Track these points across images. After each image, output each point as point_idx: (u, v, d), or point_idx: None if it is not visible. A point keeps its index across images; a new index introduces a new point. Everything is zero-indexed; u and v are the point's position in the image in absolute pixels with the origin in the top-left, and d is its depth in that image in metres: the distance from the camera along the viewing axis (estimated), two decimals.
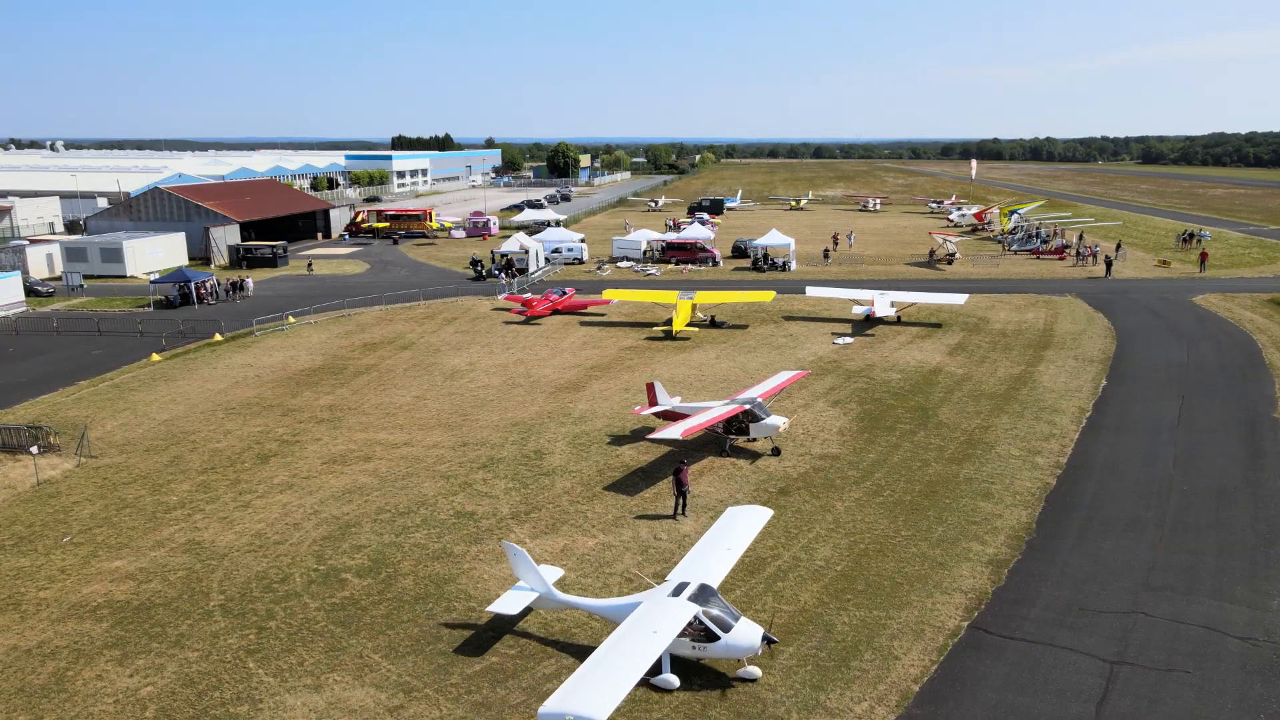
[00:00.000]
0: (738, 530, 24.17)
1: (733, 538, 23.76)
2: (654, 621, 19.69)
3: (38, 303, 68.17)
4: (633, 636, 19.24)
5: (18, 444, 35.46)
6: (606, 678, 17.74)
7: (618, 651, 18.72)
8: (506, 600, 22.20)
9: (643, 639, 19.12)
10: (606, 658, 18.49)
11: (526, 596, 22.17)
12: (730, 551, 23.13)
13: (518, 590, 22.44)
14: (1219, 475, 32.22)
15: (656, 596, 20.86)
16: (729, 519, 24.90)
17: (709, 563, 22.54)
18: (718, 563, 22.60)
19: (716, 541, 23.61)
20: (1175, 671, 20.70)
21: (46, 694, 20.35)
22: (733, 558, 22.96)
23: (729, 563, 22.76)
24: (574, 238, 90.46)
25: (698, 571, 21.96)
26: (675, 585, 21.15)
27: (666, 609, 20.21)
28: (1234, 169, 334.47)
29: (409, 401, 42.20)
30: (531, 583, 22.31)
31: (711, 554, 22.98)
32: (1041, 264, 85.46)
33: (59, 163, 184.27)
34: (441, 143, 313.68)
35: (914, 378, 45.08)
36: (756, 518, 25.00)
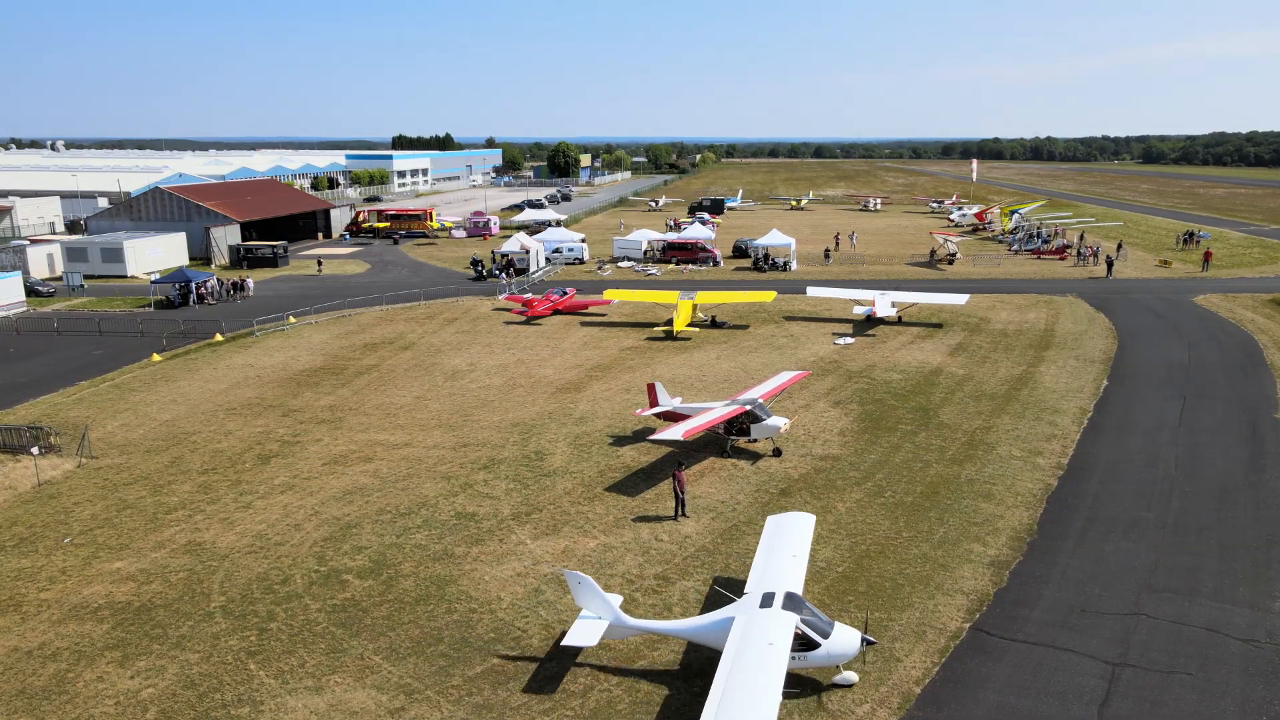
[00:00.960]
0: (793, 537, 23.71)
1: (793, 544, 23.30)
2: (764, 634, 18.95)
3: (38, 303, 68.19)
4: (751, 653, 18.44)
5: (18, 445, 35.45)
6: (750, 701, 16.99)
7: (744, 671, 17.90)
8: (579, 632, 20.67)
9: (762, 654, 18.36)
10: (735, 678, 17.69)
11: (597, 625, 20.84)
12: (797, 558, 22.65)
13: (585, 620, 21.00)
14: (1221, 476, 32.19)
15: (747, 609, 20.12)
16: (777, 527, 24.49)
17: (783, 571, 21.94)
18: (792, 570, 22.07)
19: (778, 549, 23.09)
20: (1177, 674, 20.67)
21: (47, 696, 20.34)
22: (802, 564, 22.51)
23: (801, 569, 22.31)
24: (574, 238, 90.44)
25: (776, 581, 21.33)
26: (761, 596, 20.51)
27: (768, 621, 19.46)
28: (1235, 169, 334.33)
29: (410, 402, 42.19)
30: (599, 610, 21.11)
31: (781, 562, 22.42)
32: (1042, 264, 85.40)
33: (59, 162, 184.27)
34: (442, 142, 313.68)
35: (915, 378, 45.05)
36: (804, 523, 24.57)
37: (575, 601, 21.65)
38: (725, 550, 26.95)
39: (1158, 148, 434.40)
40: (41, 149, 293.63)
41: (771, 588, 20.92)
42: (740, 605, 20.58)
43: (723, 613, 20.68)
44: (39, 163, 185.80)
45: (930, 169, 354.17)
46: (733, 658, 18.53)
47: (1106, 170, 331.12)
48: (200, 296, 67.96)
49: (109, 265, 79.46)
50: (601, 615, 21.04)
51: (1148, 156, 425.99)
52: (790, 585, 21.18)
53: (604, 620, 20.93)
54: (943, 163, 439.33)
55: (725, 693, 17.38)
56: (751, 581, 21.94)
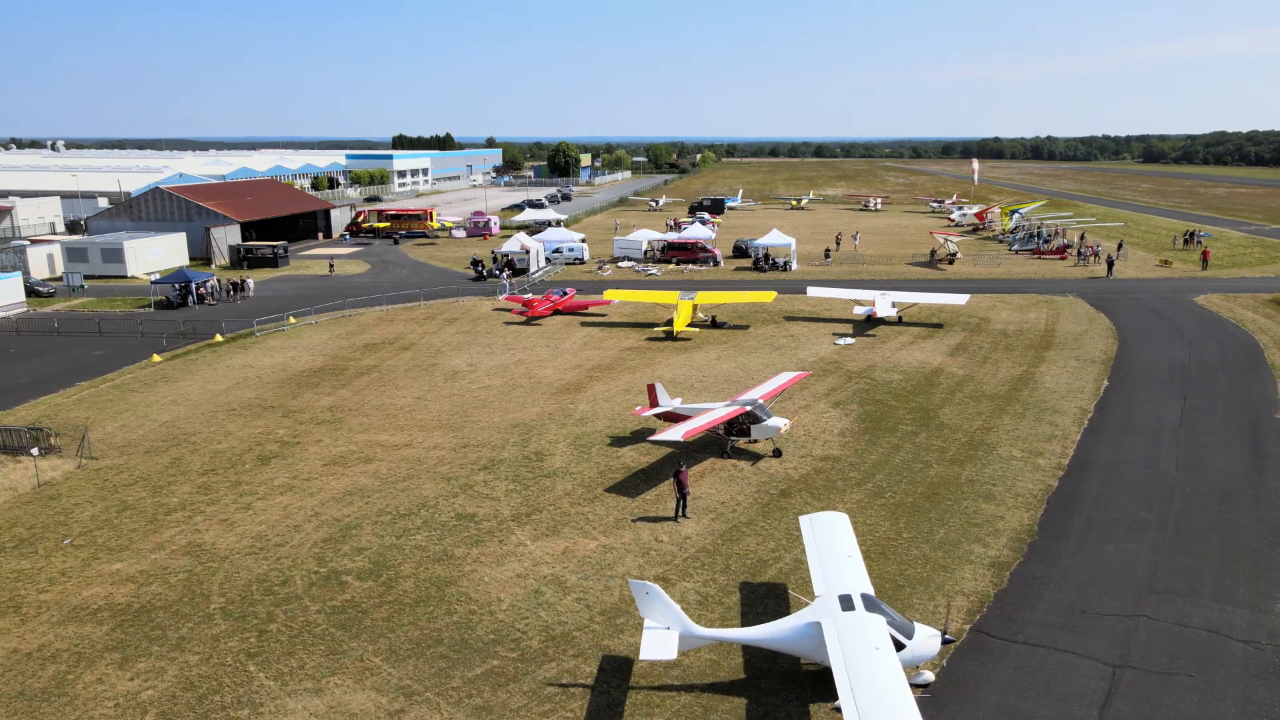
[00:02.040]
0: (839, 537, 23.33)
1: (843, 544, 22.92)
2: (866, 639, 18.49)
3: (38, 303, 68.18)
4: (861, 660, 17.92)
5: (18, 445, 35.43)
6: (891, 709, 16.49)
7: (865, 679, 17.33)
8: (653, 645, 19.64)
9: (874, 660, 17.90)
10: (863, 689, 17.03)
11: (669, 636, 19.88)
12: (852, 559, 22.28)
13: (654, 631, 19.99)
14: (1221, 477, 32.16)
15: (830, 613, 19.57)
16: (815, 527, 24.07)
17: (847, 572, 21.51)
18: (855, 571, 21.66)
19: (830, 550, 22.65)
20: (1178, 675, 20.64)
21: (47, 698, 20.31)
22: (860, 564, 22.08)
23: (863, 569, 21.91)
24: (575, 238, 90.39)
25: (845, 583, 20.91)
26: (838, 599, 20.03)
27: (861, 624, 19.02)
28: (1235, 168, 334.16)
29: (410, 402, 42.16)
30: (667, 621, 20.11)
31: (840, 563, 21.99)
32: (1043, 264, 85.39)
33: (60, 162, 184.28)
34: (442, 142, 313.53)
35: (915, 378, 45.02)
36: (843, 523, 24.23)
37: (640, 613, 20.53)
38: (725, 551, 26.92)
39: (1158, 147, 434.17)
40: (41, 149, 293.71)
41: (845, 589, 20.48)
42: (819, 609, 19.98)
43: (801, 618, 20.10)
44: (39, 163, 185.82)
45: (931, 168, 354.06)
46: (847, 667, 17.80)
47: (1107, 170, 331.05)
48: (200, 297, 67.96)
49: (109, 265, 79.46)
50: (670, 626, 20.08)
51: (1148, 156, 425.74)
52: (861, 586, 20.80)
53: (674, 631, 19.98)
54: (943, 162, 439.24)
55: (861, 707, 16.63)
56: (818, 584, 21.37)
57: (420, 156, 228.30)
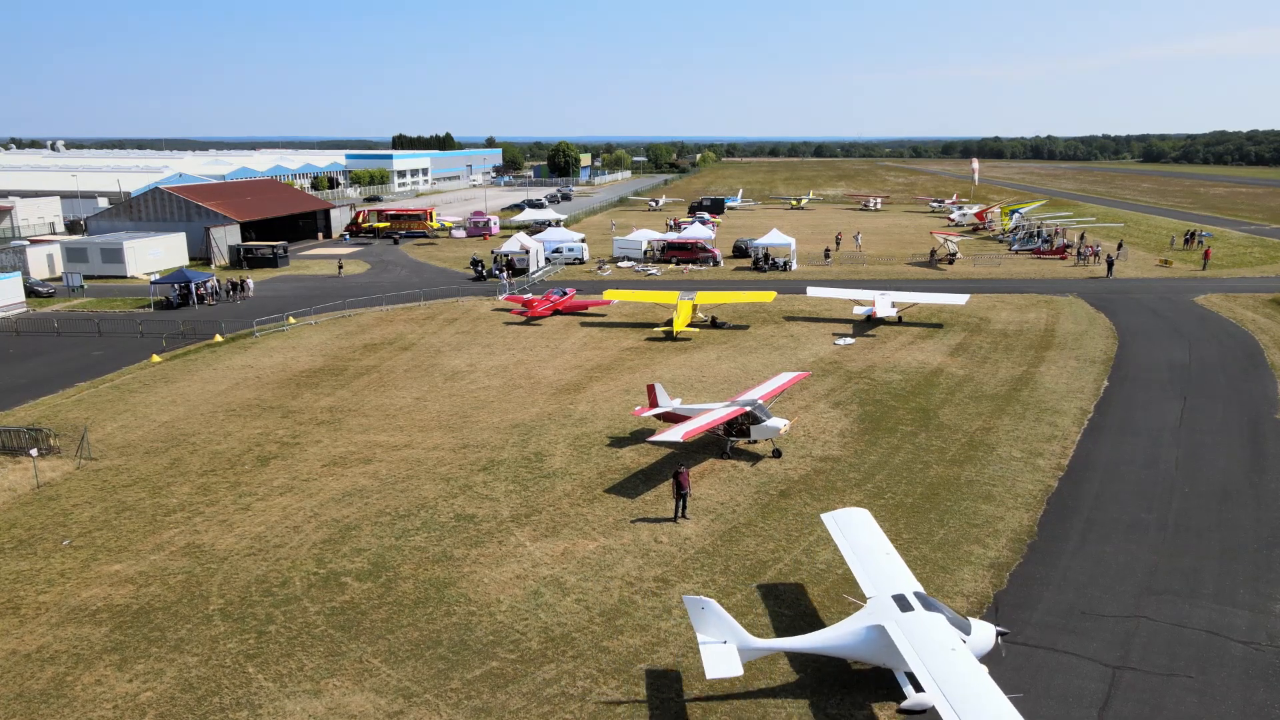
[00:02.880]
0: (868, 534, 23.42)
1: (877, 542, 22.99)
2: (939, 640, 18.50)
3: (38, 303, 68.18)
4: (942, 662, 17.90)
5: (18, 446, 35.41)
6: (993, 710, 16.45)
7: (955, 685, 17.20)
8: (715, 662, 19.05)
9: (954, 661, 17.92)
10: (955, 696, 16.85)
11: (729, 650, 19.34)
12: (891, 556, 22.38)
13: (711, 646, 19.40)
14: (1221, 477, 32.13)
15: (890, 615, 19.50)
16: (842, 525, 24.09)
17: (892, 572, 21.53)
18: (899, 569, 21.72)
19: (867, 549, 22.63)
20: (1178, 676, 20.61)
21: (45, 699, 20.29)
22: (900, 561, 22.21)
23: (904, 566, 22.05)
24: (574, 238, 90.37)
25: (895, 582, 20.93)
26: (893, 599, 19.97)
27: (926, 625, 18.98)
28: (1235, 167, 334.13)
29: (409, 403, 42.14)
30: (723, 635, 19.55)
31: (882, 562, 22.03)
32: (1043, 264, 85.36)
33: (59, 162, 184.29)
34: (442, 142, 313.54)
35: (915, 379, 45.00)
36: (868, 519, 24.39)
37: (695, 627, 19.82)
38: (725, 552, 26.90)
39: (1158, 146, 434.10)
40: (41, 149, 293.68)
41: (897, 589, 20.41)
42: (877, 612, 19.80)
43: (860, 622, 19.86)
44: (39, 163, 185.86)
45: (931, 168, 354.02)
46: (932, 672, 17.66)
47: (1107, 169, 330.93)
48: (200, 297, 67.96)
49: (109, 266, 79.45)
50: (727, 639, 19.51)
51: (1148, 155, 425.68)
52: (911, 585, 20.85)
53: (731, 644, 19.44)
54: (943, 162, 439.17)
55: (962, 714, 16.45)
56: (866, 585, 21.26)
57: (420, 156, 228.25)
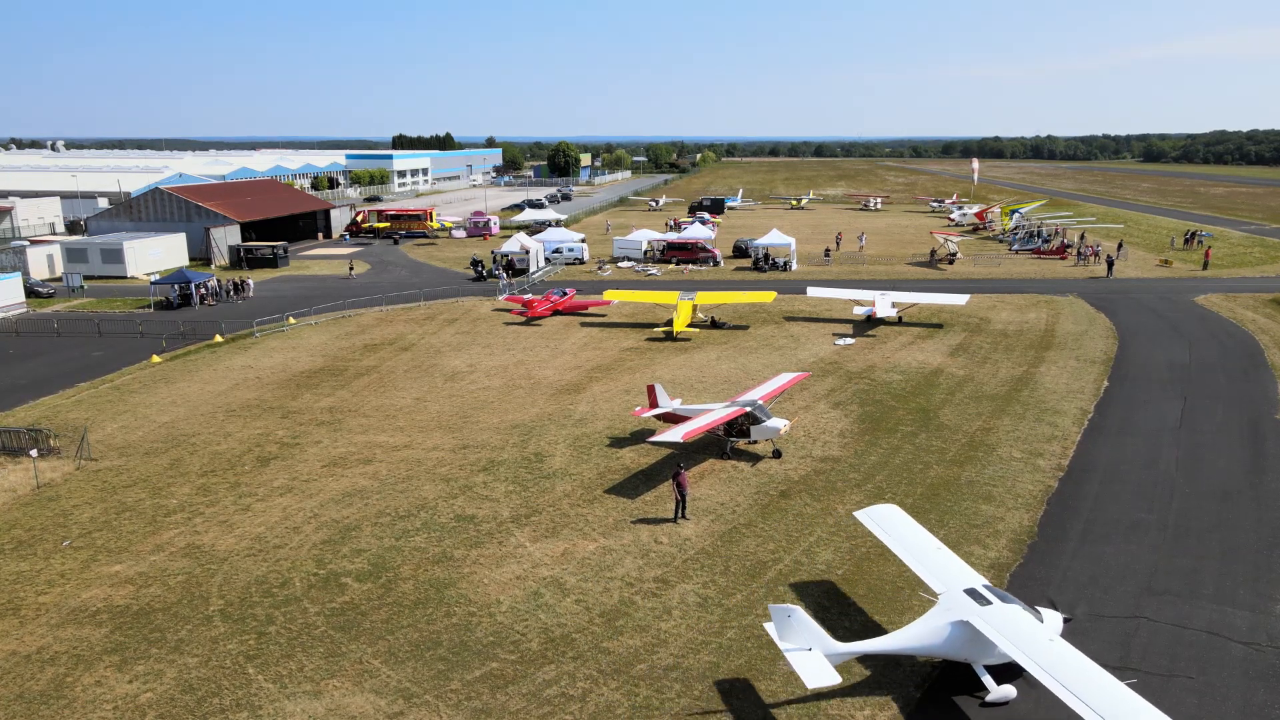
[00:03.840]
0: (911, 530, 23.87)
1: (923, 538, 23.49)
2: (1034, 633, 18.90)
3: (38, 304, 68.17)
4: (1049, 652, 18.25)
5: (18, 447, 35.41)
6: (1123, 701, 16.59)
7: (1071, 672, 17.46)
8: (810, 671, 18.77)
9: (1060, 650, 18.32)
10: (1077, 689, 16.99)
11: (817, 658, 19.10)
12: (943, 550, 22.85)
13: (798, 654, 19.14)
14: (1222, 477, 32.12)
15: (969, 610, 19.74)
16: (878, 522, 24.44)
17: (954, 567, 21.97)
18: (959, 563, 22.22)
19: (916, 545, 23.07)
20: (1178, 677, 20.60)
21: (45, 700, 20.29)
22: (955, 555, 22.75)
23: (960, 560, 22.54)
24: (574, 238, 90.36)
25: (961, 577, 21.34)
26: (965, 593, 20.38)
27: (1014, 618, 19.34)
28: (1235, 167, 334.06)
29: (409, 403, 42.14)
30: (808, 642, 19.30)
31: (939, 557, 22.48)
32: (1043, 264, 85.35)
33: (59, 163, 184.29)
34: (442, 142, 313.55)
35: (915, 379, 44.99)
36: (901, 514, 24.87)
37: (778, 637, 19.53)
38: (725, 553, 26.89)
39: (1158, 146, 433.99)
40: (41, 149, 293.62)
41: (967, 583, 20.78)
42: (955, 608, 20.04)
43: (942, 619, 19.97)
44: (39, 163, 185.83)
45: (931, 168, 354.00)
46: (1043, 665, 17.87)
47: (1107, 169, 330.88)
48: (201, 297, 67.96)
49: (109, 266, 79.43)
50: (812, 646, 19.26)
51: (1148, 155, 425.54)
52: (977, 578, 21.28)
53: (816, 651, 19.22)
54: (943, 161, 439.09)
55: (1094, 706, 16.52)
56: (933, 582, 21.54)
57: (420, 156, 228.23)
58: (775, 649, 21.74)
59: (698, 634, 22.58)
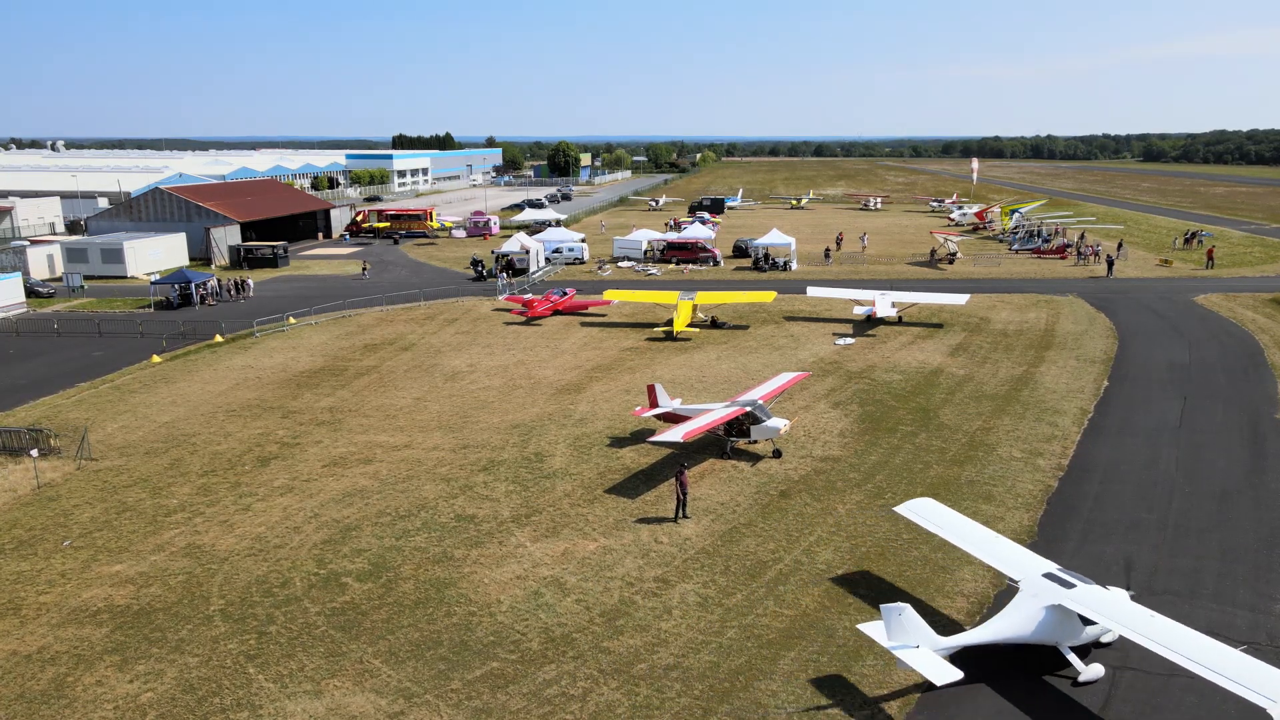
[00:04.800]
0: (960, 521, 24.76)
1: (976, 528, 24.34)
2: (1132, 610, 19.89)
3: (38, 304, 68.19)
4: (1157, 626, 19.25)
5: (18, 447, 35.42)
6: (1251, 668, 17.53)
7: (1191, 647, 18.37)
8: (929, 669, 19.07)
9: (1159, 623, 19.34)
10: (1200, 659, 17.92)
11: (929, 655, 19.41)
12: (1000, 538, 23.81)
13: (907, 651, 19.44)
14: (1221, 477, 32.14)
15: (1056, 594, 20.51)
16: (928, 517, 25.13)
17: (1020, 554, 22.86)
18: (1020, 549, 23.19)
19: (976, 536, 23.85)
20: (1178, 677, 20.55)
21: (46, 700, 20.32)
22: (1009, 540, 23.83)
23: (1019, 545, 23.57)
24: (574, 237, 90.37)
25: (1032, 563, 22.17)
26: (1044, 577, 21.14)
27: (1102, 596, 20.40)
28: (1235, 167, 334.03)
29: (410, 403, 42.16)
30: (915, 639, 19.64)
31: (1001, 545, 23.31)
32: (1043, 263, 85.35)
33: (59, 163, 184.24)
34: (442, 142, 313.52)
35: (915, 379, 45.01)
36: (941, 507, 25.81)
37: (888, 635, 19.74)
38: (725, 552, 26.91)
39: (1158, 146, 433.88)
40: (41, 149, 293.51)
41: (1042, 568, 21.58)
42: (1043, 594, 20.67)
43: (1035, 604, 20.52)
44: (39, 163, 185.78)
45: (930, 167, 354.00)
46: (1158, 640, 18.72)
47: (1107, 169, 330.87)
48: (201, 297, 67.97)
49: (109, 266, 79.44)
50: (920, 643, 19.56)
51: (1148, 155, 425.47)
52: (1047, 563, 22.09)
53: (924, 648, 19.49)
54: (943, 161, 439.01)
55: (1222, 673, 17.38)
56: (1009, 570, 22.19)
57: (420, 156, 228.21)
58: (776, 648, 21.81)
59: (698, 634, 22.60)
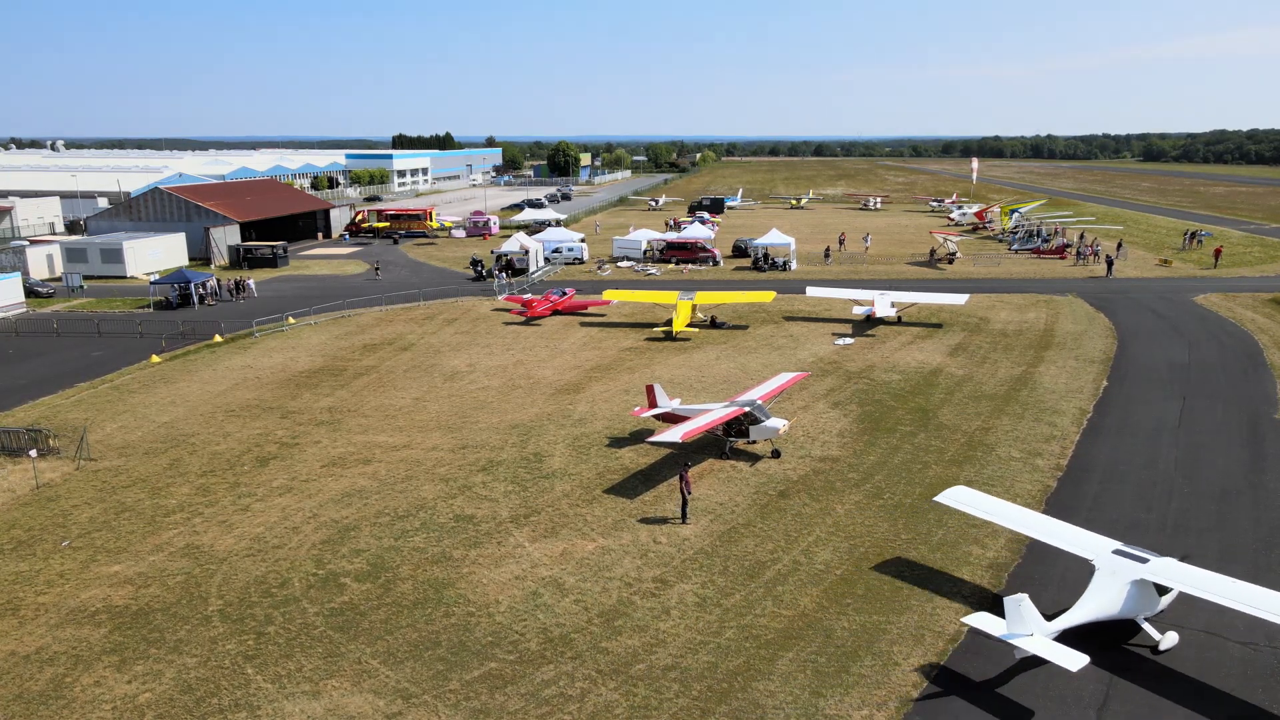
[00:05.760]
0: (1007, 506, 26.05)
1: (1023, 512, 25.70)
2: (1204, 575, 21.23)
3: (38, 304, 68.18)
4: (1237, 590, 20.42)
5: (17, 447, 35.42)
6: None
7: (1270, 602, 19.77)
8: (1057, 655, 19.27)
9: (1240, 586, 20.61)
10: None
11: (1044, 640, 19.80)
12: (1054, 519, 25.18)
13: (1022, 639, 19.76)
14: (1220, 477, 32.14)
15: (1136, 568, 21.57)
16: (973, 505, 25.92)
17: (1083, 534, 23.77)
18: (1079, 530, 24.14)
19: (1030, 520, 25.00)
20: (1177, 677, 20.61)
21: (45, 700, 20.31)
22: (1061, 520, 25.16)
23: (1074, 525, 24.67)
24: (574, 237, 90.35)
25: (1100, 540, 23.18)
26: (1115, 554, 22.24)
27: (1176, 567, 21.58)
28: (1235, 166, 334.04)
29: (409, 403, 42.15)
30: (1029, 628, 20.00)
31: (1059, 527, 24.27)
32: (1042, 263, 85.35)
33: (59, 162, 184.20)
34: (442, 141, 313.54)
35: (914, 379, 45.00)
36: (978, 494, 26.83)
37: (1008, 625, 19.99)
38: (724, 553, 26.90)
39: (1158, 145, 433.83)
40: (41, 149, 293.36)
41: (1110, 545, 22.75)
42: (1121, 570, 21.68)
43: (1120, 580, 21.50)
44: (39, 163, 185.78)
45: (930, 167, 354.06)
46: (1242, 600, 20.00)
47: (1107, 168, 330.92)
48: (201, 297, 67.96)
49: (108, 266, 79.42)
50: (1033, 631, 19.97)
51: (1148, 154, 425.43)
52: (1109, 540, 23.22)
53: (1036, 635, 19.87)
54: (943, 161, 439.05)
55: None
56: (1081, 550, 23.01)
57: (420, 156, 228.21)
58: (774, 648, 21.81)
59: (696, 634, 22.60)
